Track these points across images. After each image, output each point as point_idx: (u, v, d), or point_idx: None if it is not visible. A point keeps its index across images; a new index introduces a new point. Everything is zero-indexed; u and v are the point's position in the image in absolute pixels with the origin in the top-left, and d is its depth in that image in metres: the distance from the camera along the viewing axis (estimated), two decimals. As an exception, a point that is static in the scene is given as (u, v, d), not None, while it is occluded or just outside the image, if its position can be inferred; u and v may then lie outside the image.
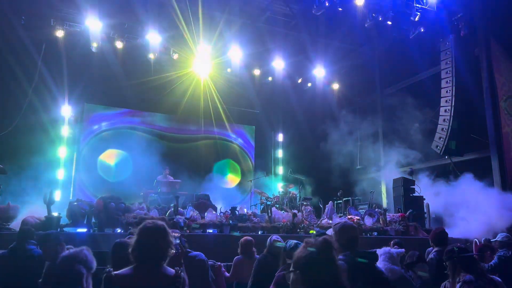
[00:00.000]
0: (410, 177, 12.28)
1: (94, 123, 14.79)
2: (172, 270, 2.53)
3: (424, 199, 11.57)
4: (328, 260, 1.99)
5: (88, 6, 12.28)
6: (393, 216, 10.77)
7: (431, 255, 5.00)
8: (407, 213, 10.74)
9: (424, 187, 11.86)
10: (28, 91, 12.47)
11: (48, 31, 12.48)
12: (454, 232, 9.17)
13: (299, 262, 1.99)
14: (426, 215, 11.36)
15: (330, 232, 3.46)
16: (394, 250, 4.31)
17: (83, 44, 12.86)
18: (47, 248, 3.43)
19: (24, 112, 12.37)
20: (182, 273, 2.54)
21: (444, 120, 12.53)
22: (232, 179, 16.60)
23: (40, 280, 3.15)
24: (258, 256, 5.17)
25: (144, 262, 2.45)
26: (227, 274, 5.36)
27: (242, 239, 5.46)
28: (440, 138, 12.53)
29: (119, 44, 13.21)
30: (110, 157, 14.51)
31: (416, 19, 12.11)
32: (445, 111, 12.51)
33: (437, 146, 12.61)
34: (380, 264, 3.78)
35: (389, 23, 12.26)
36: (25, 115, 12.37)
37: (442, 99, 12.70)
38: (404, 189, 11.71)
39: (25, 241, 3.91)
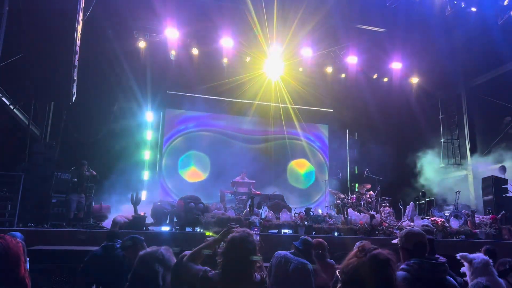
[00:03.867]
0: (502, 176, 11.25)
1: (175, 127, 15.60)
2: (258, 276, 2.61)
3: (520, 199, 10.54)
4: (380, 277, 1.75)
5: (166, 16, 12.99)
6: (483, 218, 9.96)
7: None
8: (500, 215, 9.86)
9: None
10: (116, 99, 13.51)
11: (131, 42, 13.44)
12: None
13: (346, 271, 1.82)
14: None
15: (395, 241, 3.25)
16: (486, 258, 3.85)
17: (162, 53, 13.66)
18: (132, 252, 3.64)
19: (113, 119, 13.43)
20: (266, 277, 2.62)
21: (541, 112, 11.32)
22: (306, 179, 16.49)
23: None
24: (331, 260, 5.08)
25: (234, 272, 2.58)
26: None
27: (314, 240, 5.37)
28: (537, 132, 11.34)
29: (194, 51, 13.81)
30: (189, 159, 15.23)
31: (506, 3, 11.07)
32: (543, 102, 11.29)
33: (533, 142, 11.43)
34: (478, 277, 3.48)
35: (473, 9, 11.36)
36: (114, 121, 13.42)
37: (538, 89, 11.48)
38: (495, 189, 10.75)
39: (114, 240, 4.25)
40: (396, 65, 14.94)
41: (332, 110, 17.32)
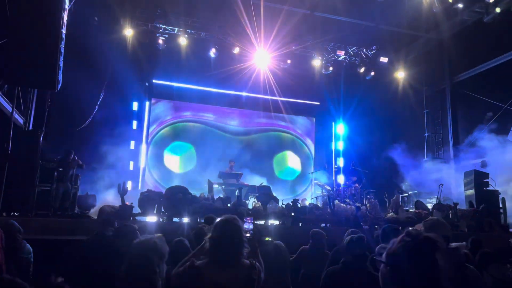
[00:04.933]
0: (483, 170, 11.52)
1: (161, 117, 15.47)
2: (247, 261, 2.61)
3: (500, 193, 10.80)
4: (424, 260, 1.69)
5: (154, 4, 12.82)
6: (465, 211, 10.21)
7: None
8: (480, 208, 10.12)
9: (500, 181, 11.09)
10: (101, 88, 13.28)
11: (118, 30, 13.22)
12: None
13: (390, 257, 1.77)
14: (501, 211, 10.59)
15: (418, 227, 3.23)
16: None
17: (149, 42, 13.48)
18: (125, 240, 3.60)
19: (98, 108, 13.21)
20: (257, 263, 2.61)
21: (523, 108, 11.60)
22: (292, 171, 16.60)
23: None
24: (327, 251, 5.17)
25: (220, 255, 2.58)
26: None
27: (313, 230, 5.44)
28: (518, 128, 11.63)
29: (183, 41, 13.67)
30: (175, 149, 15.15)
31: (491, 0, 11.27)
32: (524, 98, 11.57)
33: (514, 137, 11.72)
34: None
35: (460, 6, 11.52)
36: (100, 110, 13.21)
37: (521, 86, 11.76)
38: (477, 182, 11.01)
39: (106, 229, 4.21)
40: (383, 59, 15.10)
41: (319, 103, 17.42)
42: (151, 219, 8.60)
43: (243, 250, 2.63)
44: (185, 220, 8.43)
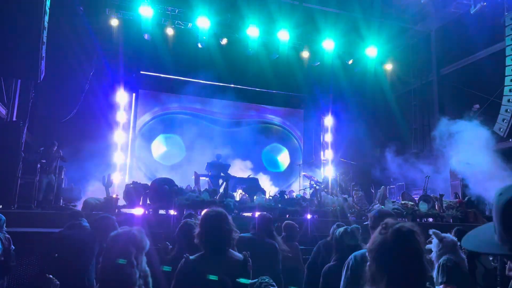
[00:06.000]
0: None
1: (148, 108, 15.30)
2: (240, 255, 2.59)
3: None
4: (406, 250, 1.68)
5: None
6: (450, 202, 10.32)
7: None
8: (465, 199, 10.24)
9: (486, 173, 11.19)
10: (87, 78, 13.08)
11: (103, 19, 12.97)
12: None
13: (371, 249, 1.76)
14: (486, 202, 10.73)
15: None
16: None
17: (136, 32, 13.26)
18: (103, 231, 3.55)
19: (83, 99, 13.01)
20: (249, 257, 2.60)
21: (508, 100, 11.69)
22: (280, 163, 16.60)
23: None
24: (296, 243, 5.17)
25: (211, 248, 2.55)
26: None
27: (286, 223, 5.43)
28: (503, 120, 11.72)
29: (170, 31, 13.47)
30: (163, 141, 15.01)
31: (479, -8, 11.30)
32: (510, 90, 11.66)
33: (500, 129, 11.82)
34: (446, 254, 3.58)
35: (448, -3, 11.54)
36: (85, 101, 13.01)
37: (506, 78, 11.82)
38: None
39: (79, 219, 4.13)
40: (372, 51, 15.08)
41: (307, 95, 17.38)
42: (137, 211, 8.52)
43: (232, 238, 2.62)
44: (171, 212, 8.37)
